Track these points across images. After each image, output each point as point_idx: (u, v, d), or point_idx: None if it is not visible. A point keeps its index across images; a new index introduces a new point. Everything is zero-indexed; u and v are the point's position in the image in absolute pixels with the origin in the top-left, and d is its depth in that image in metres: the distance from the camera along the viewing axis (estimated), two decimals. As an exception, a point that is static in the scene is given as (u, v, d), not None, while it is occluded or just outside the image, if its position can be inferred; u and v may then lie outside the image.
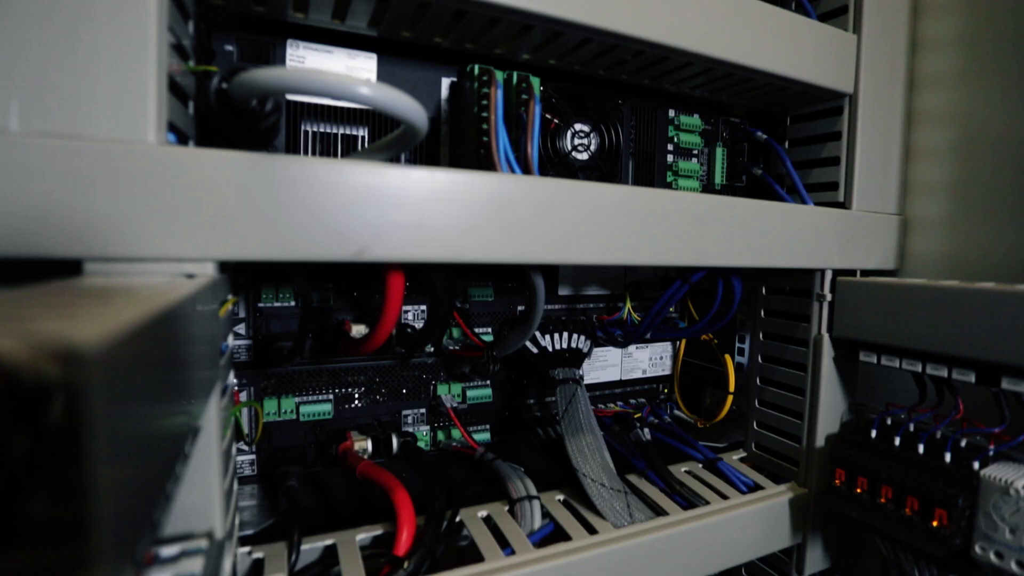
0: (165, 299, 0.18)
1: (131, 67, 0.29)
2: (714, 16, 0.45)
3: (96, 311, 0.15)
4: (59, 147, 0.27)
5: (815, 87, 0.53)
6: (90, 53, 0.28)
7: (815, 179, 0.59)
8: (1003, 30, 0.53)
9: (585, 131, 0.52)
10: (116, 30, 0.28)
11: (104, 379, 0.11)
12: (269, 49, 0.44)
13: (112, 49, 0.28)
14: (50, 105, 0.27)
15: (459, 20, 0.40)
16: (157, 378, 0.18)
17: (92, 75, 0.28)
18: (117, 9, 0.28)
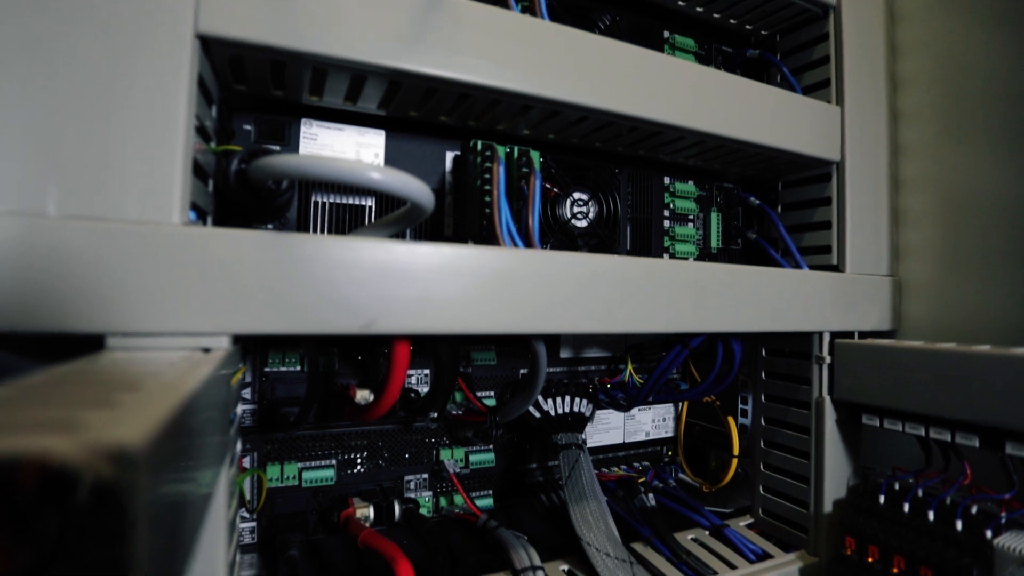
0: (190, 383, 0.19)
1: (161, 154, 0.31)
2: (703, 94, 0.48)
3: (133, 401, 0.16)
4: (91, 229, 0.29)
5: (803, 156, 0.56)
6: (124, 142, 0.30)
7: (808, 242, 0.61)
8: (976, 102, 0.56)
9: (584, 199, 0.54)
10: (149, 120, 0.31)
11: (148, 473, 0.12)
12: (285, 128, 0.47)
13: (145, 137, 0.30)
14: (85, 190, 0.29)
15: (463, 102, 0.43)
16: (183, 457, 0.18)
17: (124, 161, 0.30)
18: (151, 100, 0.31)
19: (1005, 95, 0.53)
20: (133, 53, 0.31)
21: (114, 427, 0.12)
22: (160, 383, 0.19)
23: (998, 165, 0.54)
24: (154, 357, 0.27)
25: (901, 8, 0.63)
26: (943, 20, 0.58)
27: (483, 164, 0.44)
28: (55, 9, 0.29)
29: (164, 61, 0.31)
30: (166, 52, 0.31)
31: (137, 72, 0.31)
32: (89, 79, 0.30)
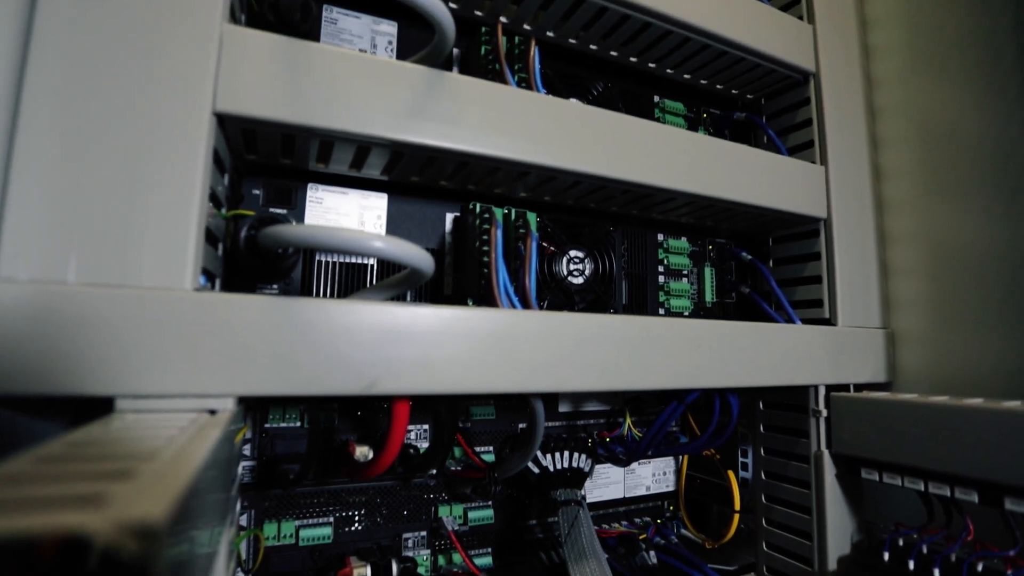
0: (201, 451, 0.20)
1: (176, 223, 0.32)
2: (692, 158, 0.51)
3: (150, 472, 0.17)
4: (107, 295, 0.30)
5: (791, 214, 0.58)
6: (143, 213, 0.32)
7: (800, 296, 0.62)
8: (955, 159, 0.58)
9: (580, 257, 0.55)
10: (167, 192, 0.32)
11: (166, 543, 0.13)
12: (292, 192, 0.49)
13: (162, 209, 0.32)
14: (103, 258, 0.31)
15: (463, 169, 0.45)
16: (193, 522, 0.19)
17: (142, 231, 0.32)
18: (169, 174, 0.33)
19: (982, 152, 0.56)
20: (155, 131, 0.33)
21: (137, 502, 0.13)
22: (173, 452, 0.20)
23: (981, 219, 0.55)
24: (163, 421, 0.28)
25: (878, 73, 0.66)
26: (918, 84, 0.62)
27: (482, 226, 0.46)
28: (84, 91, 0.31)
29: (183, 138, 0.33)
30: (185, 129, 0.33)
31: (157, 148, 0.33)
32: (113, 155, 0.32)
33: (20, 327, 0.29)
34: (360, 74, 0.38)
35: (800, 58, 0.61)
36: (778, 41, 0.59)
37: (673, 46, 0.57)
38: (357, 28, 0.52)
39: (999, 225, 0.54)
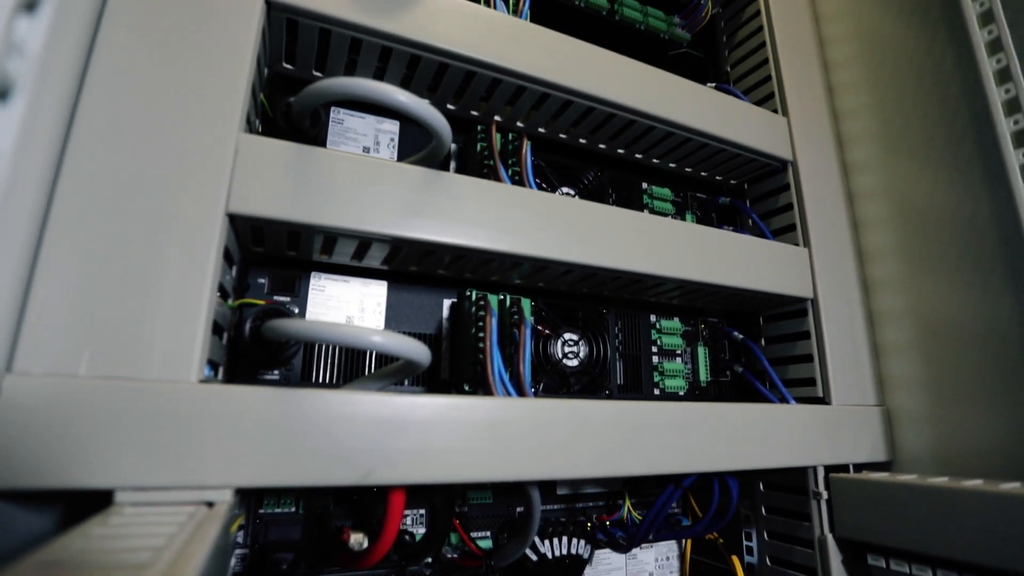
0: (201, 552, 0.21)
1: (186, 318, 0.34)
2: (678, 246, 0.53)
3: None
4: (115, 388, 0.31)
5: (778, 295, 0.60)
6: (155, 308, 0.33)
7: (793, 375, 0.63)
8: (936, 238, 0.59)
9: (574, 339, 0.57)
10: (178, 289, 0.34)
11: None
12: (296, 281, 0.51)
13: (173, 304, 0.34)
14: (115, 352, 0.32)
15: (459, 260, 0.47)
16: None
17: (154, 326, 0.33)
18: (181, 271, 0.34)
19: (956, 230, 0.57)
20: (171, 230, 0.35)
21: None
22: (172, 556, 0.21)
23: (965, 294, 0.56)
24: (161, 516, 0.29)
25: (853, 159, 0.70)
26: (891, 168, 0.65)
27: (477, 313, 0.47)
28: (109, 196, 0.34)
29: (197, 237, 0.36)
30: (199, 229, 0.36)
31: (172, 247, 0.35)
32: (131, 254, 0.34)
33: (30, 421, 0.30)
34: (363, 176, 0.41)
35: (777, 148, 0.65)
36: (755, 133, 0.63)
37: (657, 139, 0.61)
38: (362, 127, 0.56)
39: (982, 301, 0.55)
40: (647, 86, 0.56)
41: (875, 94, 0.68)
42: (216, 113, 0.38)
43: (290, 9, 0.44)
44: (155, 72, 0.37)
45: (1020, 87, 0.51)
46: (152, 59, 0.37)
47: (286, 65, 0.50)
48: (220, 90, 0.38)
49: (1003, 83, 0.53)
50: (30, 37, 0.18)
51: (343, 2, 0.45)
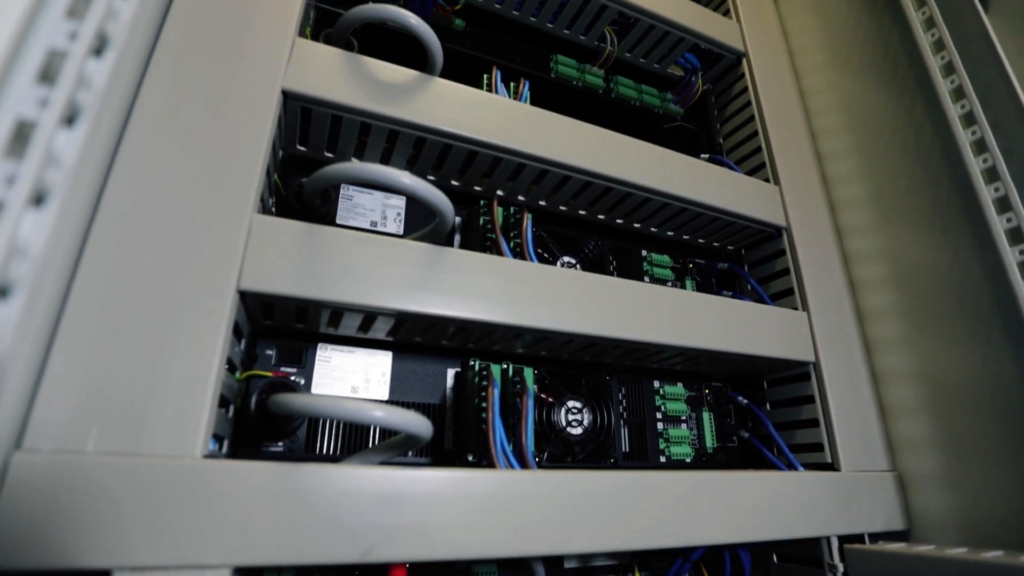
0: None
1: (194, 394, 0.35)
2: (677, 314, 0.54)
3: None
4: (121, 464, 0.32)
5: (779, 360, 0.60)
6: (164, 385, 0.34)
7: (800, 440, 0.62)
8: (936, 298, 0.60)
9: (578, 407, 0.57)
10: (187, 365, 0.35)
11: None
12: (302, 352, 0.52)
13: (181, 381, 0.35)
14: (123, 428, 0.33)
15: (462, 331, 0.48)
16: None
17: (162, 402, 0.34)
18: (191, 348, 0.35)
19: (951, 290, 0.58)
20: (183, 308, 0.36)
21: None
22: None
23: (971, 355, 0.56)
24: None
25: (846, 224, 0.72)
26: (884, 232, 0.67)
27: (480, 383, 0.48)
28: (125, 274, 0.35)
29: (208, 313, 0.37)
30: (210, 306, 0.37)
31: (183, 323, 0.36)
32: (143, 331, 0.35)
33: (36, 499, 0.30)
34: (369, 253, 0.42)
35: (770, 215, 0.67)
36: (748, 202, 0.66)
37: (654, 210, 0.64)
38: (370, 203, 0.58)
39: (984, 360, 0.55)
40: (641, 161, 0.59)
41: (863, 161, 0.70)
42: (232, 196, 0.40)
43: (305, 98, 0.47)
44: (177, 159, 0.39)
45: (997, 158, 0.53)
46: (175, 147, 0.40)
47: (299, 147, 0.53)
48: (237, 174, 0.41)
49: (980, 153, 0.55)
50: (67, 148, 0.19)
51: (354, 91, 0.48)
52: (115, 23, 0.21)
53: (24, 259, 0.17)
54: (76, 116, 0.19)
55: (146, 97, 0.39)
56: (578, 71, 0.75)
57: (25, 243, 0.17)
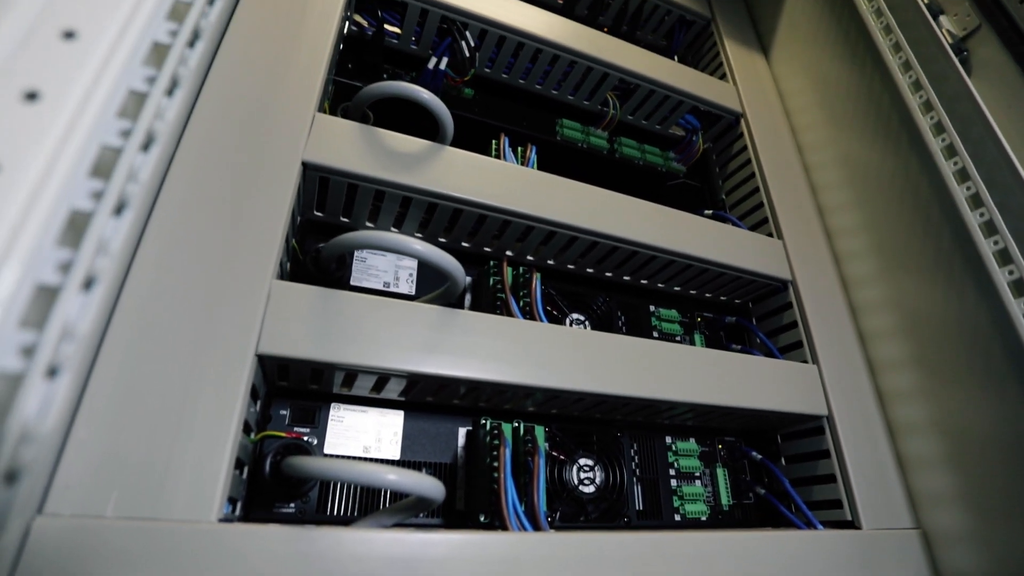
0: None
1: (211, 459, 0.36)
2: (686, 370, 0.55)
3: None
4: (137, 529, 0.32)
5: (790, 414, 0.60)
6: (183, 451, 0.35)
7: (818, 496, 0.61)
8: (948, 347, 0.60)
9: (589, 464, 0.57)
10: (206, 431, 0.36)
11: None
12: (316, 412, 0.53)
13: (200, 447, 0.36)
14: (141, 493, 0.33)
15: (473, 390, 0.49)
16: None
17: (181, 468, 0.35)
18: (210, 413, 0.37)
19: (963, 339, 0.58)
20: (203, 374, 0.38)
21: None
22: None
23: (988, 404, 0.55)
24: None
25: (852, 275, 0.73)
26: (892, 281, 0.67)
27: (491, 443, 0.48)
28: (148, 344, 0.37)
29: (227, 379, 0.38)
30: (230, 372, 0.38)
31: (203, 389, 0.37)
32: (164, 399, 0.36)
33: (53, 565, 0.31)
34: (383, 317, 0.44)
35: (775, 269, 0.68)
36: (752, 257, 0.67)
37: (660, 267, 0.65)
38: (383, 264, 0.60)
39: (1001, 410, 0.54)
40: (644, 220, 0.61)
41: (864, 215, 0.72)
42: (254, 263, 0.42)
43: (324, 169, 0.50)
44: (203, 230, 0.42)
45: (993, 212, 0.55)
46: (201, 219, 0.42)
47: (316, 212, 0.56)
48: (259, 242, 0.43)
49: (977, 207, 0.57)
50: (115, 237, 0.21)
51: (369, 161, 0.51)
52: (162, 122, 0.24)
53: (72, 341, 0.19)
54: (124, 206, 0.21)
55: (176, 174, 0.42)
56: (583, 134, 0.78)
57: (75, 326, 0.19)
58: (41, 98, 0.20)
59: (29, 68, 0.20)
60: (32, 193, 0.18)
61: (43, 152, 0.19)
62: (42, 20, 0.22)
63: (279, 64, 0.51)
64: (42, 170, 0.19)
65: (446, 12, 0.66)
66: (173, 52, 0.25)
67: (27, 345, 0.18)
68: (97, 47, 0.22)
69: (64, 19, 0.22)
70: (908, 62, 0.66)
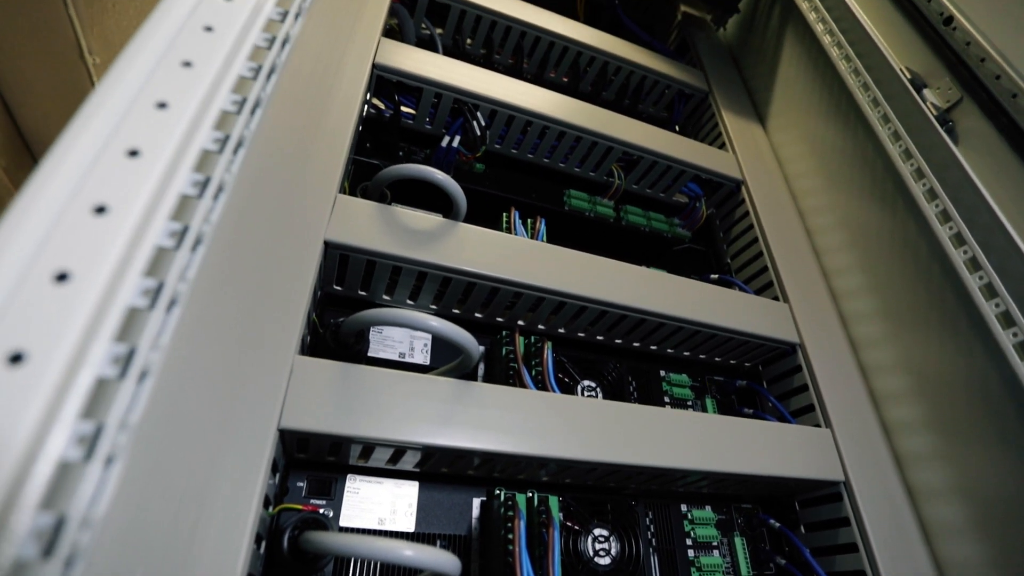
0: None
1: (232, 535, 0.36)
2: (699, 438, 0.55)
3: None
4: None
5: (807, 480, 0.60)
6: (205, 529, 0.36)
7: (840, 567, 0.60)
8: (957, 405, 0.60)
9: (604, 535, 0.56)
10: (227, 507, 0.37)
11: None
12: (332, 484, 0.54)
13: (221, 522, 0.36)
14: (164, 571, 0.34)
15: (488, 462, 0.50)
16: None
17: (203, 543, 0.35)
18: (233, 489, 0.38)
19: (975, 398, 0.58)
20: (227, 451, 0.39)
21: None
22: None
23: (1010, 465, 0.55)
24: None
25: (859, 336, 0.73)
26: (900, 342, 0.68)
27: (506, 514, 0.49)
28: (172, 425, 0.38)
29: (250, 455, 0.39)
30: (253, 448, 0.40)
31: (226, 467, 0.38)
32: (189, 477, 0.37)
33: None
34: (400, 391, 0.45)
35: (782, 333, 0.69)
36: (759, 321, 0.68)
37: (668, 333, 0.66)
38: (399, 335, 0.62)
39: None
40: (651, 288, 0.63)
41: (868, 276, 0.73)
42: (278, 340, 0.44)
43: (345, 247, 0.53)
44: (230, 309, 0.44)
45: (992, 275, 0.56)
46: (229, 299, 0.44)
47: (335, 287, 0.59)
48: (283, 320, 0.45)
49: (976, 271, 0.58)
50: (165, 332, 0.24)
51: (387, 239, 0.54)
52: (208, 225, 0.26)
53: (126, 430, 0.20)
54: (175, 303, 0.24)
55: (208, 259, 0.45)
56: (589, 203, 0.82)
57: (129, 416, 0.21)
58: (109, 211, 0.23)
59: (99, 185, 0.23)
60: (101, 297, 0.21)
61: (111, 257, 0.22)
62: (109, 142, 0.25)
63: (305, 150, 0.55)
64: (111, 274, 0.21)
65: (458, 95, 0.71)
66: (221, 160, 0.28)
67: (86, 435, 0.19)
68: (157, 162, 0.25)
69: (129, 140, 0.25)
70: (897, 132, 0.69)
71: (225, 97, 0.29)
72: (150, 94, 0.27)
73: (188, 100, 0.27)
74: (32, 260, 0.21)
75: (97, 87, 0.26)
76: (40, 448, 0.17)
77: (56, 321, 0.20)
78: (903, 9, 0.76)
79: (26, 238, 0.22)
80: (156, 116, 0.26)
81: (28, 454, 0.17)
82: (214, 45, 0.30)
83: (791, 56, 0.94)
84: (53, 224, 0.22)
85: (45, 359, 0.19)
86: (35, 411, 0.18)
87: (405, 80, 0.69)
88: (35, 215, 0.22)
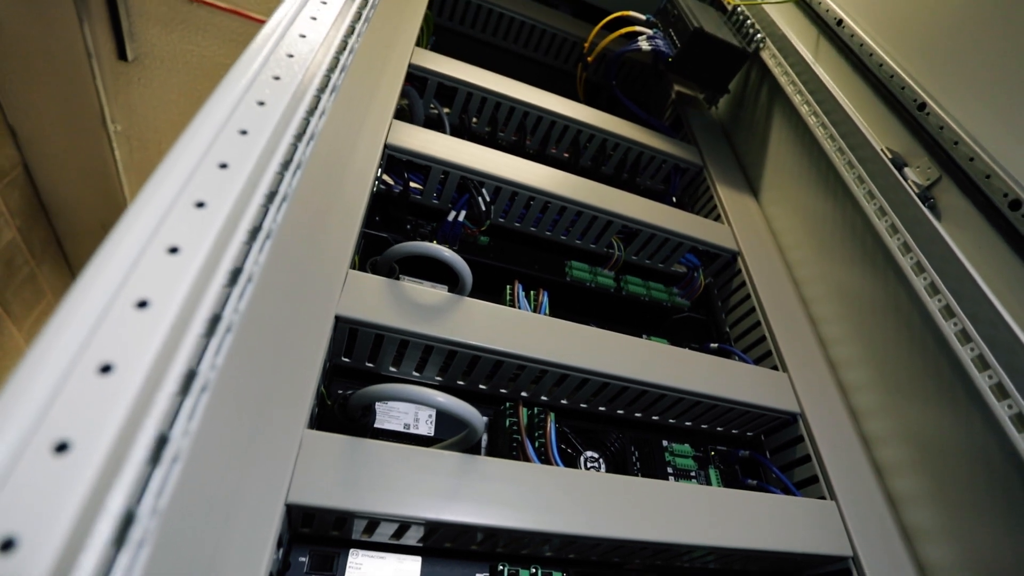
0: None
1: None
2: (705, 514, 0.55)
3: None
4: None
5: (814, 556, 0.59)
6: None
7: (854, 649, 0.58)
8: (960, 476, 0.59)
9: (610, 614, 0.55)
10: None
11: None
12: (334, 559, 0.53)
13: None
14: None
15: (491, 536, 0.50)
16: None
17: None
18: (238, 567, 0.38)
19: (986, 472, 0.57)
20: (232, 526, 0.39)
21: None
22: None
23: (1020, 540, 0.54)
24: None
25: (859, 406, 0.74)
26: (900, 412, 0.68)
27: (510, 592, 0.48)
28: (182, 502, 0.39)
29: (257, 530, 0.40)
30: (260, 523, 0.40)
31: (232, 541, 0.39)
32: (193, 553, 0.38)
33: None
34: (407, 466, 0.46)
35: (782, 403, 0.70)
36: (758, 392, 0.69)
37: (669, 404, 0.67)
38: (404, 407, 0.63)
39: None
40: (652, 361, 0.64)
41: (864, 347, 0.75)
42: (288, 415, 0.45)
43: (354, 322, 0.55)
44: (243, 385, 0.45)
45: (982, 347, 0.57)
46: (243, 375, 0.46)
47: (343, 359, 0.60)
48: (293, 395, 0.47)
49: (967, 342, 0.59)
50: (194, 420, 0.25)
51: (395, 314, 0.56)
52: (236, 314, 0.28)
53: (156, 516, 0.22)
54: (205, 389, 0.25)
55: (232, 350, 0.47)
56: (591, 274, 0.84)
57: (160, 504, 0.22)
58: (150, 305, 0.25)
59: (140, 281, 0.26)
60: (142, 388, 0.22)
61: (151, 350, 0.24)
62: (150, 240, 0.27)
63: (318, 228, 0.58)
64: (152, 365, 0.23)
65: (464, 173, 0.75)
66: (252, 252, 0.30)
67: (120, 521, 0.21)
68: (194, 260, 0.27)
69: (169, 238, 0.28)
70: (883, 208, 0.73)
71: (259, 194, 0.31)
72: (190, 194, 0.30)
73: (225, 199, 0.30)
74: (79, 353, 0.23)
75: (141, 190, 0.29)
76: (85, 538, 0.19)
77: (100, 411, 0.22)
78: (881, 95, 0.81)
79: (73, 332, 0.24)
80: (195, 215, 0.29)
81: (71, 545, 0.18)
82: (249, 147, 0.33)
83: (780, 133, 1.00)
84: (99, 319, 0.24)
85: (89, 448, 0.20)
86: (78, 498, 0.19)
87: (414, 159, 0.73)
88: (81, 310, 0.24)
